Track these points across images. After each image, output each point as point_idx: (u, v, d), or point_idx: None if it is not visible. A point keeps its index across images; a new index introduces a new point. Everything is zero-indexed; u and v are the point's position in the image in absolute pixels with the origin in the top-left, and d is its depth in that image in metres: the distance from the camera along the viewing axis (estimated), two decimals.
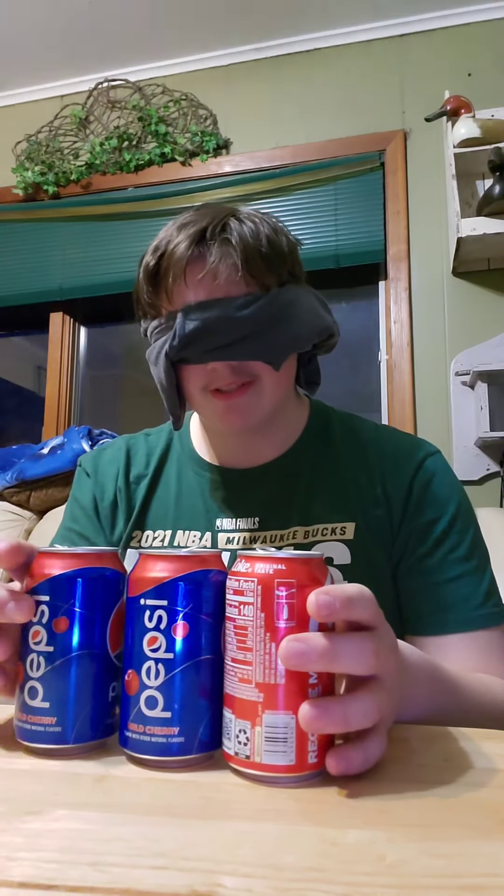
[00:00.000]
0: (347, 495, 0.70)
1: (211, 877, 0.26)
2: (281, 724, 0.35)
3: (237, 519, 0.71)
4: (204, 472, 0.74)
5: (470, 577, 0.66)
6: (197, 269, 0.63)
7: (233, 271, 0.62)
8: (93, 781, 0.35)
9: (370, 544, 0.68)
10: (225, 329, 0.62)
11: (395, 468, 0.71)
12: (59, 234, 2.36)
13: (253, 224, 0.65)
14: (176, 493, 0.74)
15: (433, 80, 2.10)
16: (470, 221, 1.81)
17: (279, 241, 0.66)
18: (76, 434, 1.83)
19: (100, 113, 2.42)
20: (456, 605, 0.65)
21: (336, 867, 0.27)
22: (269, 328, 0.64)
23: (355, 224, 2.10)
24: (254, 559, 0.37)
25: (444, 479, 0.71)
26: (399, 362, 2.00)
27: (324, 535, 0.69)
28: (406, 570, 0.68)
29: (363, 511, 0.69)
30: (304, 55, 2.26)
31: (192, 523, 0.72)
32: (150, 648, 0.38)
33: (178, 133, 2.32)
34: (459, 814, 0.32)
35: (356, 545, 0.68)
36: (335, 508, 0.70)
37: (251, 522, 0.70)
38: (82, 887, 0.25)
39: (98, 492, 0.77)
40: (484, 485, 1.88)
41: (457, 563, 0.66)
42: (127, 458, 0.78)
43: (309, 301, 0.69)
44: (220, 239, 0.63)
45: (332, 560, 0.68)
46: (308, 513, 0.70)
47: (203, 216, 0.65)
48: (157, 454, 0.78)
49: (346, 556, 0.68)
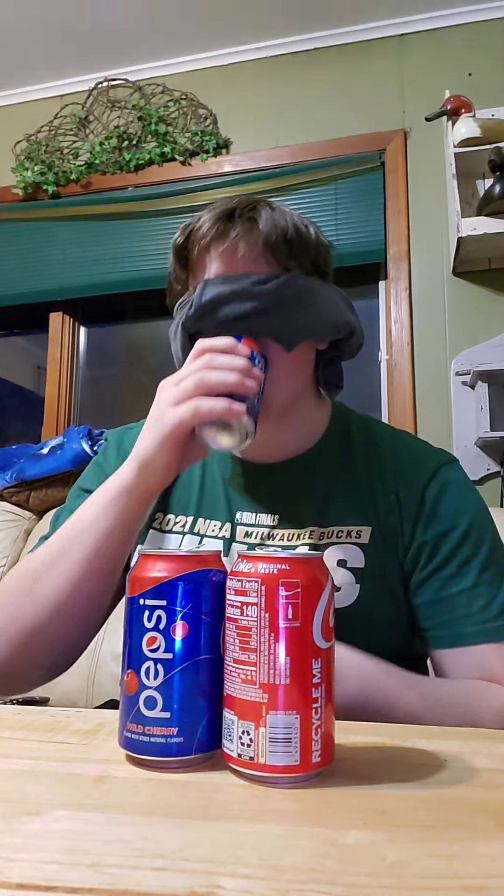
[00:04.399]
0: (364, 500, 0.70)
1: (211, 878, 0.26)
2: (286, 725, 0.35)
3: (257, 514, 0.71)
4: (227, 462, 0.75)
5: (486, 587, 0.65)
6: (220, 244, 0.65)
7: (254, 248, 0.64)
8: (92, 782, 0.35)
9: (383, 550, 0.67)
10: (240, 302, 0.63)
11: (408, 477, 0.70)
12: (59, 234, 2.36)
13: (283, 213, 0.67)
14: (200, 480, 0.74)
15: (433, 80, 2.10)
16: (470, 221, 1.81)
17: (306, 232, 0.68)
18: (76, 434, 1.83)
19: (100, 112, 2.42)
20: (472, 616, 0.63)
21: (336, 868, 0.26)
22: (285, 308, 0.64)
23: (355, 224, 2.10)
24: (256, 559, 0.37)
25: (459, 490, 0.70)
26: (399, 362, 2.00)
27: (339, 537, 0.68)
28: (419, 583, 0.67)
29: (378, 517, 0.69)
30: (304, 55, 2.26)
31: (213, 512, 0.72)
32: (149, 648, 0.38)
33: (178, 133, 2.32)
34: (460, 814, 0.32)
35: (370, 550, 0.67)
36: (352, 512, 0.69)
37: (270, 518, 0.70)
38: (82, 888, 0.25)
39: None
40: (484, 485, 1.88)
41: (471, 575, 0.65)
42: None
43: (332, 296, 0.69)
44: (247, 218, 0.65)
45: (346, 562, 0.67)
46: (325, 514, 0.70)
47: (232, 201, 0.68)
48: None
49: (359, 559, 0.67)
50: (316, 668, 0.36)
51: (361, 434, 0.76)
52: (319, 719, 0.36)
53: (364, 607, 0.65)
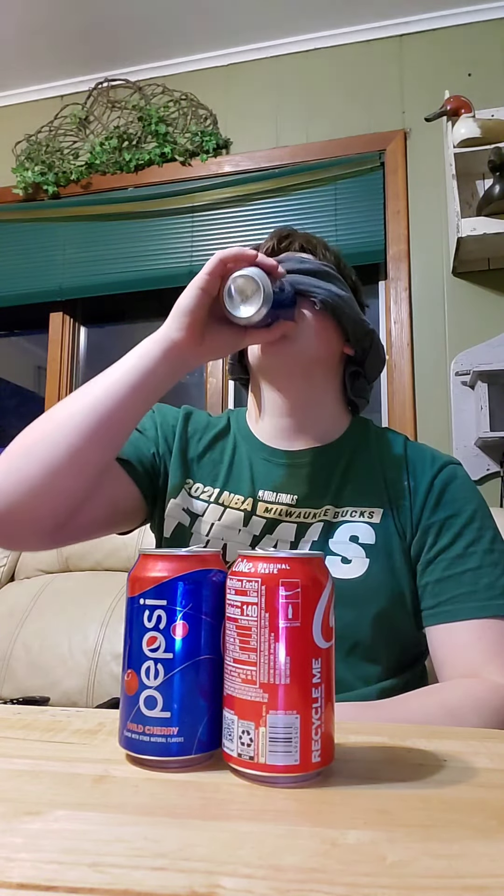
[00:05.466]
0: (378, 486, 0.75)
1: (211, 878, 0.26)
2: (286, 725, 0.35)
3: (277, 493, 0.76)
4: (255, 448, 0.81)
5: (490, 568, 0.69)
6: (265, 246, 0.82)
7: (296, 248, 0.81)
8: (92, 782, 0.35)
9: (393, 531, 0.72)
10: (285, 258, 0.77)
11: (420, 468, 0.76)
12: (59, 234, 2.36)
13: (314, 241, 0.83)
14: (229, 459, 0.81)
15: (433, 80, 2.10)
16: (470, 221, 1.81)
17: (336, 252, 0.83)
18: None
19: (100, 113, 2.42)
20: (475, 594, 0.67)
21: (337, 868, 0.26)
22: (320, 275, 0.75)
23: (355, 224, 2.10)
24: (256, 559, 0.37)
25: (465, 484, 0.76)
26: (399, 362, 2.00)
27: (352, 516, 0.73)
28: (426, 563, 0.71)
29: (390, 500, 0.74)
30: (304, 55, 2.26)
31: (238, 487, 0.78)
32: (149, 648, 0.38)
33: (178, 133, 2.32)
34: (460, 814, 0.32)
35: (381, 529, 0.72)
36: (366, 494, 0.75)
37: (289, 498, 0.75)
38: (82, 888, 0.25)
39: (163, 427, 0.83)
40: (484, 485, 1.88)
41: (476, 556, 0.69)
42: (185, 417, 0.84)
43: (359, 315, 0.79)
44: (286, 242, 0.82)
45: (358, 538, 0.72)
46: (340, 495, 0.75)
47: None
48: (217, 426, 0.85)
49: (371, 536, 0.72)
50: (316, 667, 0.36)
51: (377, 437, 0.82)
52: (319, 719, 0.36)
53: (372, 580, 0.69)
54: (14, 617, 1.59)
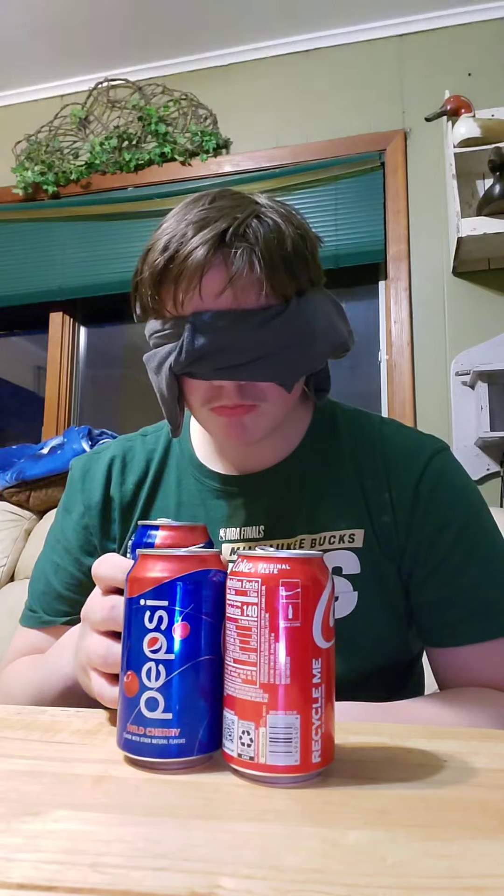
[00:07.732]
0: (355, 500, 0.66)
1: (211, 878, 0.26)
2: (286, 725, 0.35)
3: (241, 528, 0.67)
4: (205, 479, 0.70)
5: (488, 582, 0.63)
6: (214, 279, 0.55)
7: (253, 283, 0.56)
8: (92, 782, 0.35)
9: (379, 553, 0.65)
10: (238, 347, 0.56)
11: (400, 471, 0.66)
12: (59, 234, 2.36)
13: (276, 225, 0.58)
14: (176, 504, 0.70)
15: (433, 80, 2.10)
16: (470, 221, 1.81)
17: (302, 245, 0.60)
18: (76, 434, 1.83)
19: (100, 113, 2.42)
20: (475, 616, 0.62)
21: (337, 868, 0.26)
22: (286, 348, 0.58)
23: (355, 224, 2.10)
24: (256, 559, 0.37)
25: (454, 479, 0.67)
26: (399, 362, 2.00)
27: (331, 543, 0.65)
28: (421, 581, 0.64)
29: (371, 517, 0.66)
30: (304, 55, 2.26)
31: None
32: (150, 649, 0.38)
33: (178, 133, 2.32)
34: (461, 814, 0.32)
35: (365, 553, 0.65)
36: (343, 514, 0.66)
37: (256, 531, 0.67)
38: (82, 888, 0.25)
39: (87, 501, 0.73)
40: (484, 485, 1.88)
41: (474, 569, 0.63)
42: (108, 471, 0.73)
43: (327, 311, 0.63)
44: (242, 244, 0.55)
45: (341, 570, 0.64)
46: (314, 520, 0.66)
47: (220, 213, 0.57)
48: (156, 458, 0.73)
49: (355, 565, 0.65)
50: (316, 668, 0.36)
51: (348, 428, 0.71)
52: (320, 719, 0.36)
53: (364, 615, 0.64)
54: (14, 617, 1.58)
